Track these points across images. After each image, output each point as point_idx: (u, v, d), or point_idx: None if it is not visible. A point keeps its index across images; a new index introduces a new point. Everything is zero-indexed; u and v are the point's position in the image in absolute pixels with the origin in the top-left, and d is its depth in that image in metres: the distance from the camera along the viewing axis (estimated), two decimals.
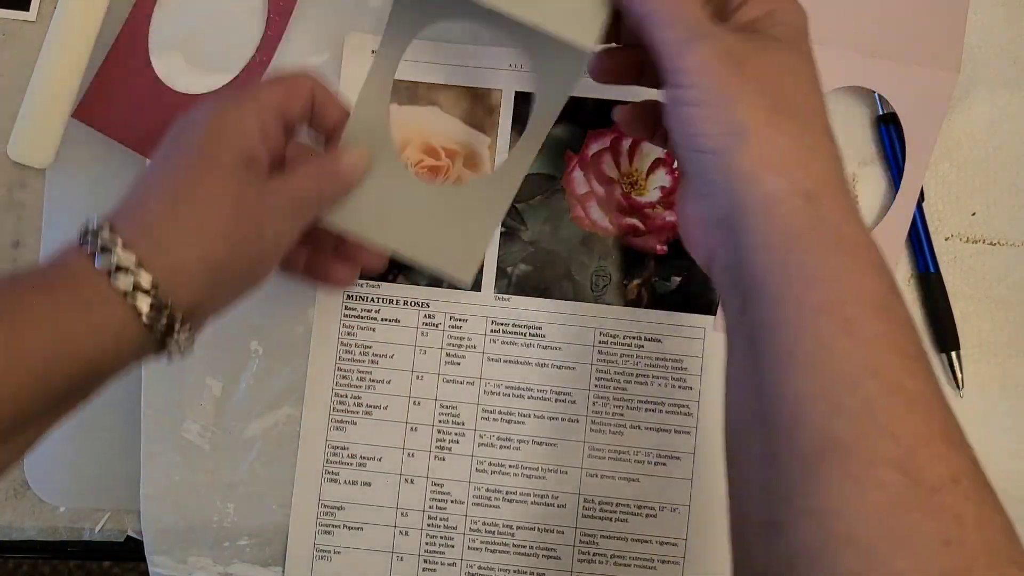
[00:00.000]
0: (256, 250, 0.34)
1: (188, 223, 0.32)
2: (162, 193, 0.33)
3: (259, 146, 0.35)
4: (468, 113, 0.46)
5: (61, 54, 0.45)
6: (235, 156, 0.34)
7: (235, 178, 0.34)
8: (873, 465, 0.24)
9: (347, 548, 0.45)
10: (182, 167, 0.34)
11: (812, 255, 0.27)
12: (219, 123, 0.35)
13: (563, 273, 0.46)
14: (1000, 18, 0.46)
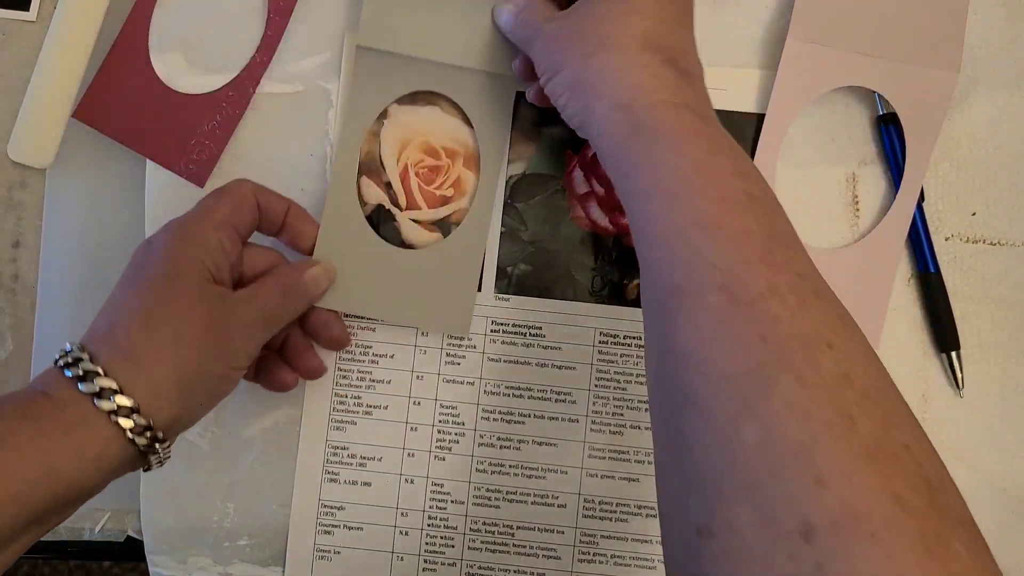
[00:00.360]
0: (226, 364, 0.37)
1: (163, 345, 0.35)
2: (136, 316, 0.36)
3: (222, 261, 0.38)
4: (468, 113, 0.46)
5: (61, 54, 0.45)
6: (200, 274, 0.37)
7: (203, 297, 0.37)
8: (702, 294, 0.29)
9: (347, 548, 0.45)
10: (152, 290, 0.36)
11: (635, 152, 0.33)
12: (181, 244, 0.38)
13: (563, 273, 0.46)
14: (1000, 18, 0.46)
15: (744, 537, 0.25)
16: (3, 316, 0.47)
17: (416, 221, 0.46)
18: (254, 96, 0.46)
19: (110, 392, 0.33)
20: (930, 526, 0.24)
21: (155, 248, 0.38)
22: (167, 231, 0.38)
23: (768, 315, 0.27)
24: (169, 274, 0.37)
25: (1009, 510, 0.45)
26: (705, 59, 0.46)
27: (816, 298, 0.29)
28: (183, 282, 0.37)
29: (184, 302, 0.36)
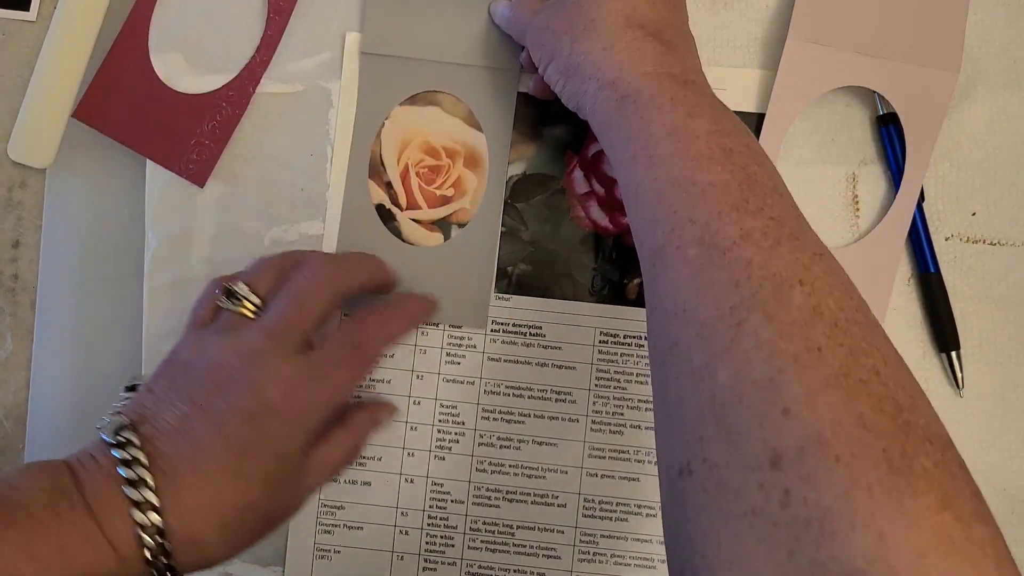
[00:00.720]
0: (280, 520, 0.38)
1: (229, 538, 0.35)
2: (219, 509, 0.34)
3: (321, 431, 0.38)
4: (468, 113, 0.46)
5: (61, 54, 0.45)
6: (298, 463, 0.37)
7: (287, 485, 0.37)
8: (680, 248, 0.30)
9: (347, 548, 0.45)
10: (246, 484, 0.35)
11: (621, 124, 0.35)
12: (295, 434, 0.36)
13: (563, 273, 0.46)
14: (1000, 18, 0.46)
15: (719, 471, 0.26)
16: (3, 316, 0.47)
17: (416, 221, 0.46)
18: (254, 96, 0.46)
19: (149, 528, 0.33)
20: (895, 444, 0.24)
21: (269, 434, 0.35)
22: (290, 418, 0.36)
23: (741, 260, 0.28)
24: (269, 476, 0.36)
25: (1009, 510, 0.45)
26: (705, 59, 0.46)
27: (791, 240, 0.29)
28: (277, 485, 0.36)
29: (266, 505, 0.36)
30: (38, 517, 0.32)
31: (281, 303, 0.37)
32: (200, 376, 0.36)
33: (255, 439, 0.35)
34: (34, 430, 0.46)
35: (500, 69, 0.45)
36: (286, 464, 0.36)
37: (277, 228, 0.46)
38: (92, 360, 0.46)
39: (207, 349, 0.37)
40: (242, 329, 0.37)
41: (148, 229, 0.46)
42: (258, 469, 0.35)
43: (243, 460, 0.35)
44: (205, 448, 0.34)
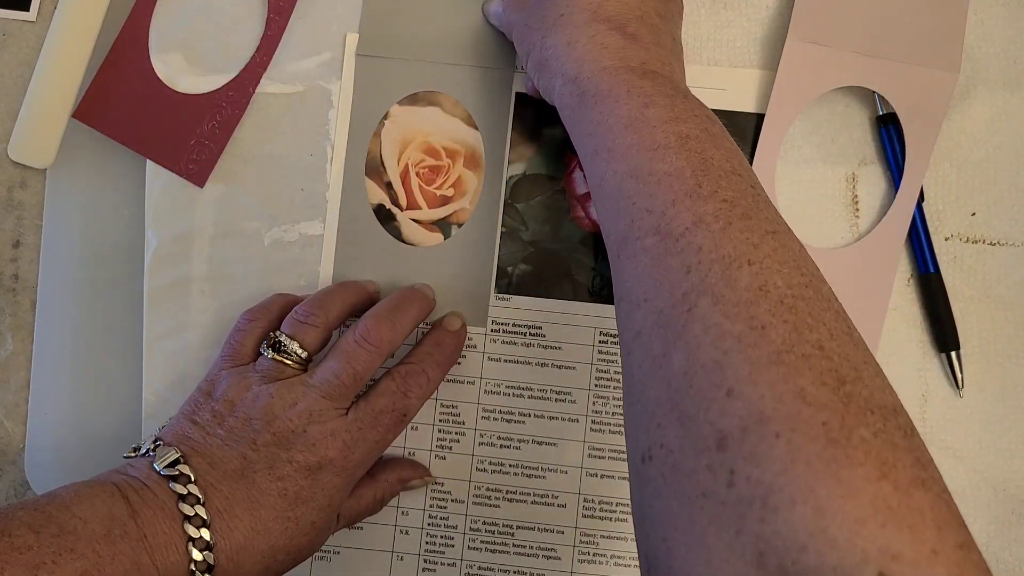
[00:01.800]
0: (303, 560, 0.39)
1: (268, 544, 0.37)
2: (266, 549, 0.37)
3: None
4: (468, 113, 0.46)
5: (61, 54, 0.45)
6: (335, 515, 0.40)
7: (324, 534, 0.40)
8: (639, 239, 0.31)
9: (347, 548, 0.45)
10: (296, 529, 0.37)
11: (583, 119, 0.35)
12: (344, 488, 0.39)
13: (563, 273, 0.46)
14: (1000, 18, 0.46)
15: (673, 456, 0.26)
16: (3, 316, 0.47)
17: (416, 221, 0.46)
18: (254, 96, 0.46)
19: (203, 545, 0.35)
20: (834, 416, 0.24)
21: (323, 487, 0.38)
22: (343, 471, 0.39)
23: (692, 246, 0.29)
24: (317, 525, 0.38)
25: (1009, 510, 0.45)
26: (705, 59, 0.46)
27: (742, 219, 0.29)
28: (320, 533, 0.39)
29: (306, 551, 0.39)
30: (95, 546, 0.33)
31: (335, 365, 0.39)
32: (255, 424, 0.38)
33: (310, 490, 0.37)
34: (34, 430, 0.46)
35: (495, 69, 0.45)
36: (331, 514, 0.39)
37: (277, 228, 0.46)
38: (92, 360, 0.46)
39: (258, 397, 0.38)
40: (295, 385, 0.39)
41: (148, 229, 0.46)
42: (308, 517, 0.37)
43: (296, 507, 0.37)
44: (263, 493, 0.37)
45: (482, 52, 0.46)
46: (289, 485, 0.37)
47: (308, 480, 0.37)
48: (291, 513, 0.37)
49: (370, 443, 0.39)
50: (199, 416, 0.39)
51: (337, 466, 0.38)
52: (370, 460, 0.40)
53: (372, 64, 0.46)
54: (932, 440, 0.45)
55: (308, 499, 0.37)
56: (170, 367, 0.45)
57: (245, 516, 0.36)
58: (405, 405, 0.40)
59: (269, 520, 0.36)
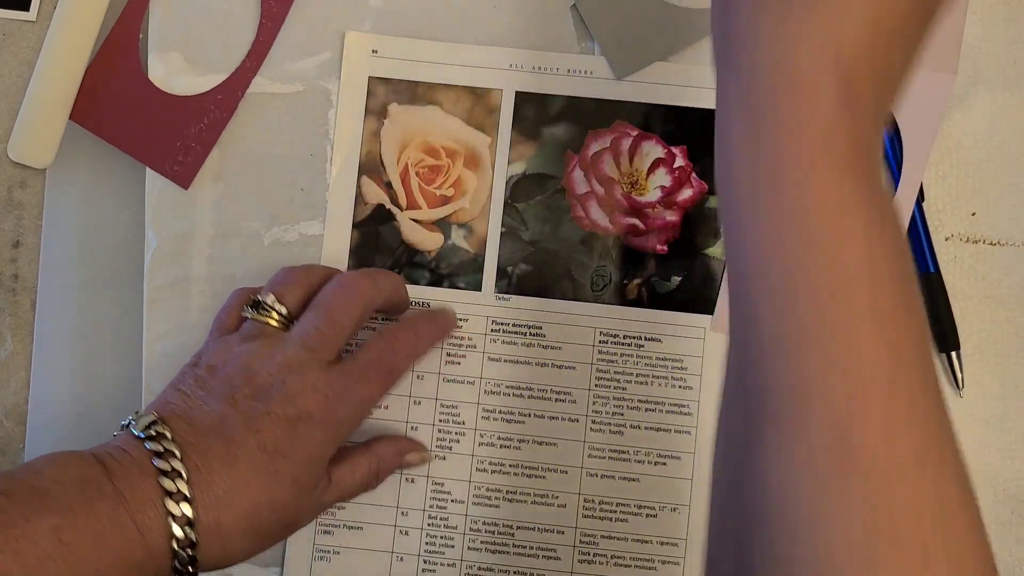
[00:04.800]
0: (295, 527, 0.39)
1: (251, 541, 0.37)
2: (248, 505, 0.36)
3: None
4: (468, 113, 0.46)
5: (61, 54, 0.45)
6: (323, 473, 0.38)
7: (312, 496, 0.38)
8: (803, 425, 0.24)
9: (347, 548, 0.45)
10: (277, 484, 0.36)
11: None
12: (327, 443, 0.38)
13: (563, 273, 0.46)
14: (1000, 18, 0.46)
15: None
16: (3, 316, 0.47)
17: (416, 221, 0.46)
18: (254, 96, 0.46)
19: (181, 498, 0.34)
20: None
21: (303, 439, 0.37)
22: (324, 424, 0.37)
23: (880, 478, 0.23)
24: (299, 481, 0.37)
25: (1009, 510, 0.45)
26: (705, 59, 0.46)
27: (939, 459, 0.25)
28: (304, 492, 0.38)
29: (291, 511, 0.37)
30: (69, 505, 0.32)
31: (315, 316, 0.39)
32: (234, 380, 0.37)
33: (289, 443, 0.36)
34: (34, 430, 0.46)
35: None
36: (314, 471, 0.37)
37: (277, 228, 0.46)
38: (92, 360, 0.46)
39: (239, 355, 0.38)
40: (276, 339, 0.38)
41: (148, 229, 0.46)
42: (289, 472, 0.36)
43: (276, 461, 0.36)
44: (240, 446, 0.35)
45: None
46: (267, 438, 0.36)
47: (286, 433, 0.36)
48: (270, 467, 0.36)
49: (354, 399, 0.38)
50: (183, 384, 0.38)
51: (317, 419, 0.37)
52: (355, 418, 0.39)
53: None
54: None
55: (287, 452, 0.36)
56: (170, 367, 0.45)
57: (223, 470, 0.35)
58: (392, 360, 0.39)
59: (248, 473, 0.35)
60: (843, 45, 0.25)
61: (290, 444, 0.36)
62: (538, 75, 0.46)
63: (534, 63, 0.46)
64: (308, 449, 0.37)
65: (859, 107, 0.25)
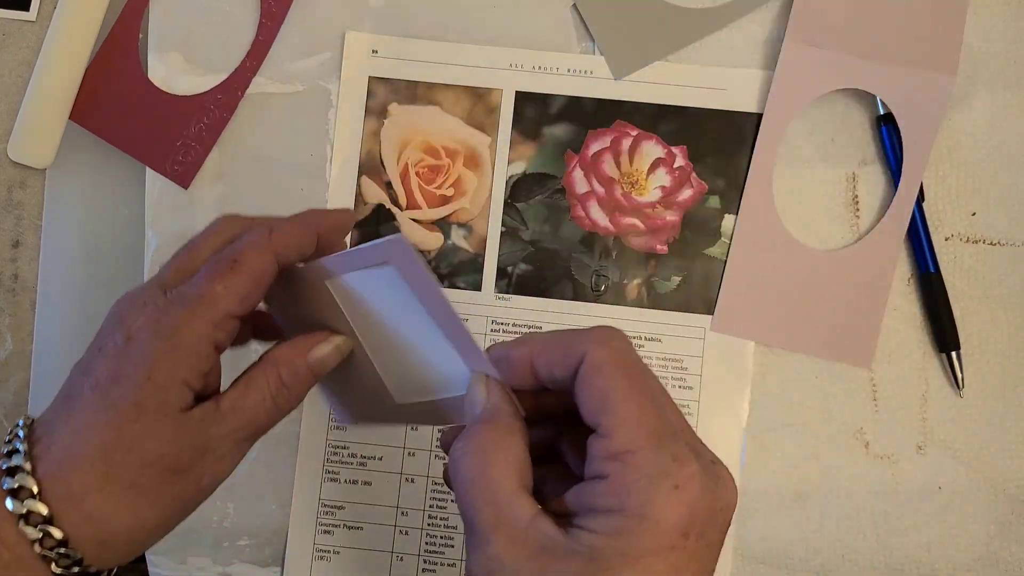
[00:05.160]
0: (194, 501, 0.32)
1: (120, 498, 0.30)
2: (96, 456, 0.30)
3: (212, 367, 0.32)
4: (468, 113, 0.46)
5: (61, 54, 0.45)
6: (181, 402, 0.31)
7: (178, 433, 0.31)
8: None
9: (347, 548, 0.45)
10: (119, 422, 0.30)
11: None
12: (167, 361, 0.30)
13: (563, 273, 0.46)
14: (1000, 18, 0.46)
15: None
16: (3, 316, 0.47)
17: (416, 221, 0.46)
18: (254, 96, 0.46)
19: (54, 544, 0.29)
20: None
21: (134, 357, 0.30)
22: (154, 333, 0.31)
23: None
24: (143, 404, 0.30)
25: (1009, 510, 0.45)
26: (705, 59, 0.46)
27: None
28: (158, 417, 0.30)
29: (154, 446, 0.30)
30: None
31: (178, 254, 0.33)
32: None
33: (120, 368, 0.30)
34: None
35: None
36: (163, 392, 0.30)
37: None
38: None
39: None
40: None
41: (148, 229, 0.46)
42: (128, 397, 0.30)
43: (109, 392, 0.30)
44: (76, 397, 0.31)
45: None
46: (99, 373, 0.30)
47: (117, 360, 0.30)
48: (105, 401, 0.30)
49: (191, 298, 0.31)
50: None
51: (147, 332, 0.30)
52: (200, 327, 0.31)
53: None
54: (932, 440, 0.45)
55: (121, 377, 0.30)
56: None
57: (62, 430, 0.30)
58: (234, 250, 0.32)
59: (84, 419, 0.30)
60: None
61: (123, 369, 0.30)
62: (538, 75, 0.46)
63: (534, 63, 0.46)
64: (146, 368, 0.30)
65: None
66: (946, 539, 0.44)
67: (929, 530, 0.44)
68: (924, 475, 0.45)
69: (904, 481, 0.45)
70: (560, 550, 0.26)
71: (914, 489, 0.45)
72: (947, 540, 0.44)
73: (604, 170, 0.46)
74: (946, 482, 0.45)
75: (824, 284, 0.45)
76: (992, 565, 0.44)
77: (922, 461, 0.45)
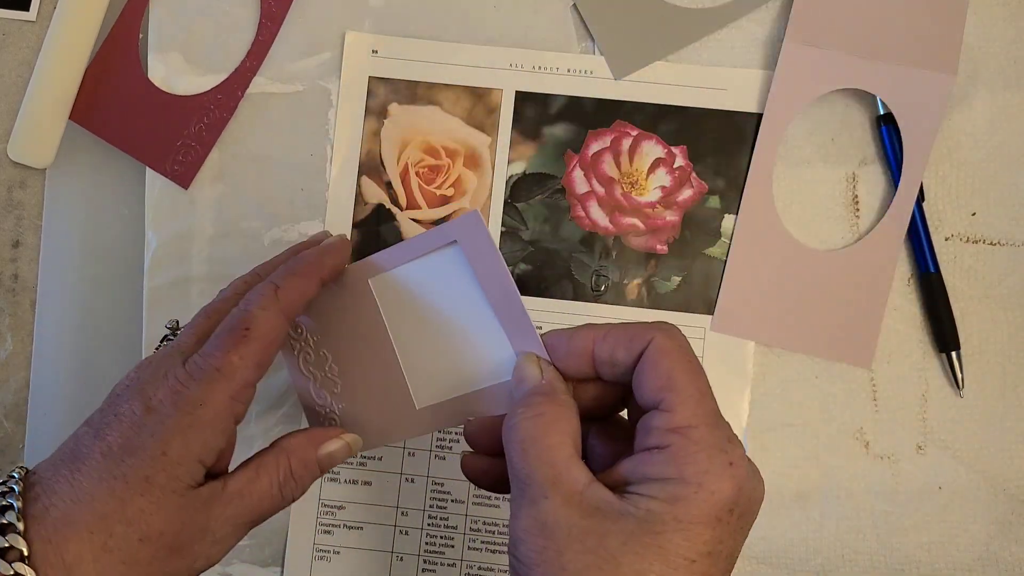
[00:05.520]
0: (185, 556, 0.31)
1: (116, 568, 0.29)
2: (93, 521, 0.29)
3: (226, 444, 0.32)
4: (468, 113, 0.46)
5: (61, 54, 0.45)
6: (191, 479, 0.31)
7: (182, 511, 0.30)
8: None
9: (347, 548, 0.45)
10: (123, 492, 0.30)
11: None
12: (183, 439, 0.31)
13: (563, 273, 0.46)
14: (1000, 18, 0.46)
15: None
16: (3, 316, 0.47)
17: (416, 221, 0.46)
18: (254, 96, 0.46)
19: (10, 530, 0.28)
20: None
21: (151, 429, 0.30)
22: (174, 407, 0.31)
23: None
24: (153, 479, 0.30)
25: (1009, 510, 0.45)
26: (705, 59, 0.46)
27: None
28: (166, 493, 0.30)
29: (157, 522, 0.30)
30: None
31: (195, 320, 0.34)
32: (102, 403, 0.32)
33: (137, 439, 0.30)
34: (34, 430, 0.46)
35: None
36: (174, 469, 0.30)
37: (277, 228, 0.46)
38: (92, 360, 0.46)
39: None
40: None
41: (148, 229, 0.46)
42: (139, 472, 0.30)
43: (122, 463, 0.30)
44: (84, 460, 0.30)
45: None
46: (112, 440, 0.30)
47: (133, 430, 0.30)
48: (116, 471, 0.30)
49: (210, 370, 0.31)
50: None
51: (168, 407, 0.31)
52: (218, 403, 0.31)
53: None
54: (932, 440, 0.45)
55: (135, 450, 0.30)
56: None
57: (65, 491, 0.29)
58: (245, 316, 0.32)
59: (90, 484, 0.29)
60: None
61: (138, 440, 0.30)
62: (538, 75, 0.46)
63: (534, 63, 0.46)
64: (160, 442, 0.30)
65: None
66: (946, 539, 0.44)
67: (929, 530, 0.44)
68: (924, 475, 0.45)
69: (904, 481, 0.45)
70: (614, 512, 0.27)
71: (914, 489, 0.45)
72: (947, 540, 0.44)
73: (604, 170, 0.46)
74: (946, 482, 0.45)
75: (824, 284, 0.45)
76: (992, 565, 0.44)
77: (922, 461, 0.45)
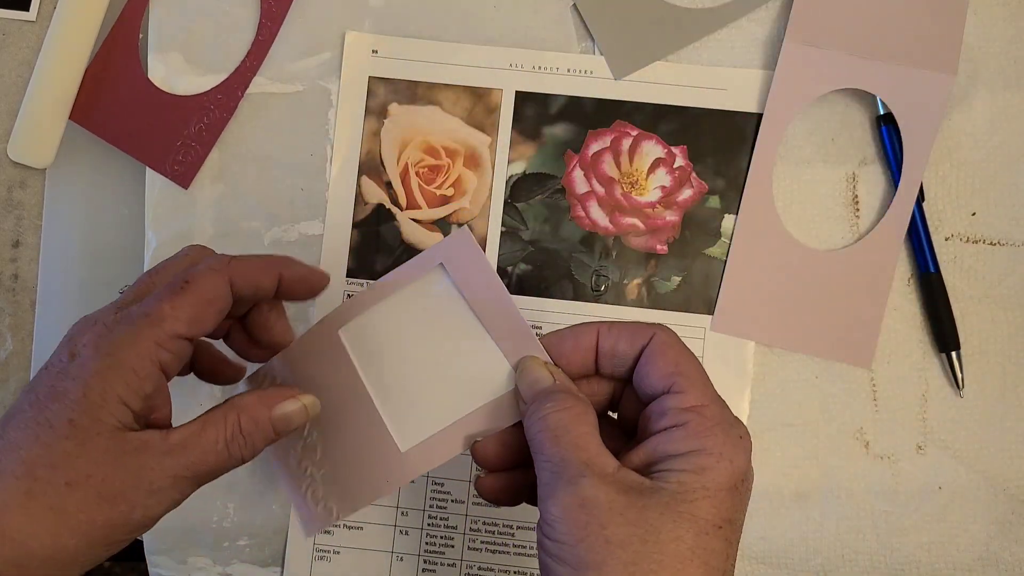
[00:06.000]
0: (122, 534, 0.31)
1: (41, 519, 0.29)
2: (20, 472, 0.29)
3: (155, 390, 0.31)
4: (468, 112, 0.46)
5: (61, 54, 0.45)
6: (118, 422, 0.30)
7: (111, 456, 0.30)
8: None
9: (347, 548, 0.45)
10: (49, 440, 0.29)
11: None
12: (105, 378, 0.30)
13: (563, 273, 0.46)
14: (1000, 18, 0.46)
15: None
16: (3, 316, 0.47)
17: (416, 221, 0.46)
18: (254, 96, 0.46)
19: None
20: None
21: (72, 374, 0.30)
22: (95, 349, 0.30)
23: None
24: (76, 421, 0.29)
25: (1009, 510, 0.45)
26: (705, 59, 0.46)
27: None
28: (90, 435, 0.29)
29: (82, 464, 0.29)
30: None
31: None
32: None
33: (59, 385, 0.30)
34: None
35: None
36: (98, 413, 0.29)
37: (277, 228, 0.46)
38: None
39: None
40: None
41: (148, 229, 0.46)
42: (63, 414, 0.29)
43: (46, 409, 0.29)
44: (14, 412, 0.30)
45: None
46: (40, 390, 0.30)
47: (58, 377, 0.30)
48: (40, 416, 0.29)
49: (136, 317, 0.31)
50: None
51: (90, 350, 0.30)
52: (143, 347, 0.30)
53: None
54: (932, 440, 0.45)
55: (59, 394, 0.30)
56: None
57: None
58: (188, 272, 0.32)
59: (15, 433, 0.29)
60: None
61: (61, 386, 0.30)
62: (538, 75, 0.46)
63: (534, 63, 0.46)
64: (82, 384, 0.29)
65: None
66: (946, 539, 0.44)
67: (929, 530, 0.44)
68: (924, 475, 0.45)
69: (904, 481, 0.45)
70: (647, 489, 0.29)
71: (914, 489, 0.45)
72: (947, 540, 0.44)
73: (604, 170, 0.46)
74: (946, 482, 0.45)
75: (824, 284, 0.45)
76: (992, 565, 0.44)
77: (922, 461, 0.45)
